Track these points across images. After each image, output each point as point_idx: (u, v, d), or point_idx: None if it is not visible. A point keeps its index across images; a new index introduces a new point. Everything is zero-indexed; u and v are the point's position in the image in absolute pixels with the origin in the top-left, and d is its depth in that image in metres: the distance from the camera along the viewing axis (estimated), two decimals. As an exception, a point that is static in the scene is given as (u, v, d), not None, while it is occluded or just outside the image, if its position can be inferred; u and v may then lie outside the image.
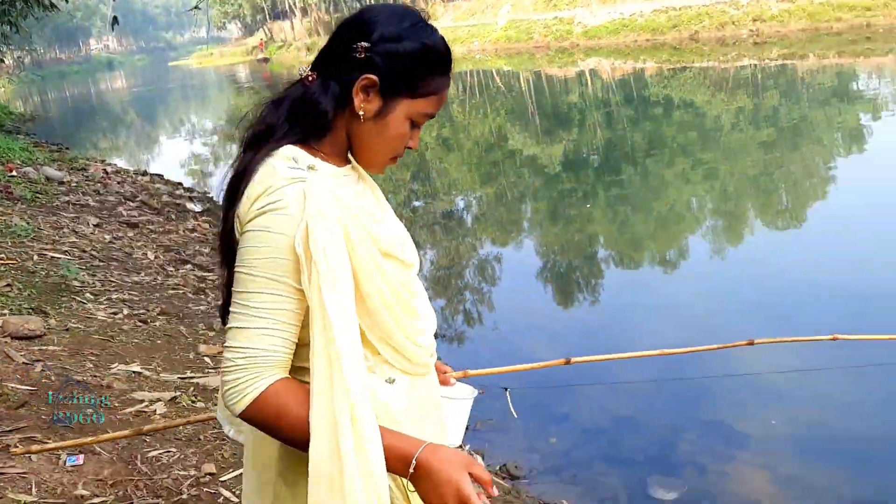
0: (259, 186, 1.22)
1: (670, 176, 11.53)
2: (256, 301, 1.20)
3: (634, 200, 10.20)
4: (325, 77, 1.30)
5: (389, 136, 1.32)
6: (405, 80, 1.28)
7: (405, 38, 1.27)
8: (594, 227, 9.52)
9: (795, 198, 9.96)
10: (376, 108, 1.29)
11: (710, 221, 9.46)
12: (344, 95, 1.29)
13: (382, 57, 1.26)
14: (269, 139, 1.28)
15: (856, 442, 4.11)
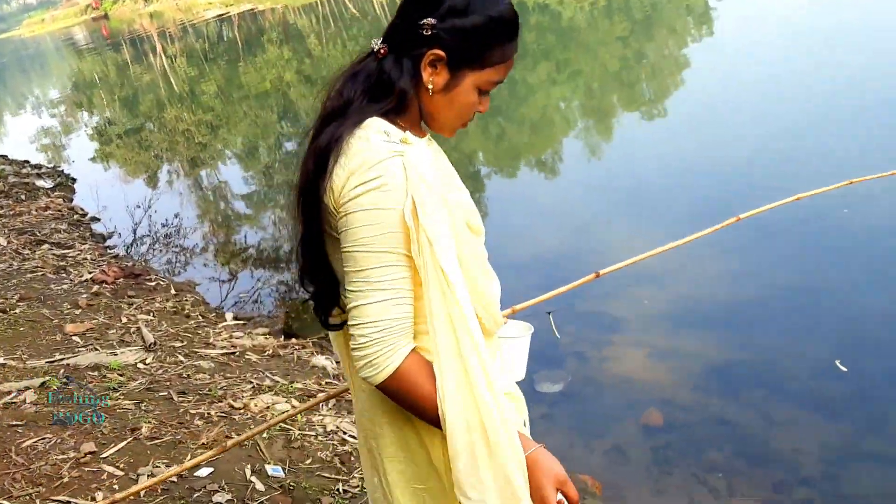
0: (356, 160, 1.25)
1: (536, 81, 11.57)
2: (378, 275, 1.24)
3: (505, 110, 10.18)
4: (396, 51, 1.32)
5: (458, 105, 1.35)
6: (471, 53, 1.30)
7: (472, 11, 1.28)
8: (470, 142, 9.46)
9: (658, 87, 10.20)
10: (444, 81, 1.32)
11: (582, 122, 9.57)
12: (415, 70, 1.31)
13: (448, 32, 1.28)
14: (346, 113, 1.31)
15: (725, 309, 4.32)
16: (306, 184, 1.31)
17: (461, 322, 1.24)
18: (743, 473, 3.13)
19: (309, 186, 1.31)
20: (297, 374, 3.99)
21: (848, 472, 3.07)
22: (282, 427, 3.40)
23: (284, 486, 2.98)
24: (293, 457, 3.21)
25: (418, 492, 1.43)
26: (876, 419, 3.28)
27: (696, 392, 3.57)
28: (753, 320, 4.13)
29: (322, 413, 3.59)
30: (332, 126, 1.30)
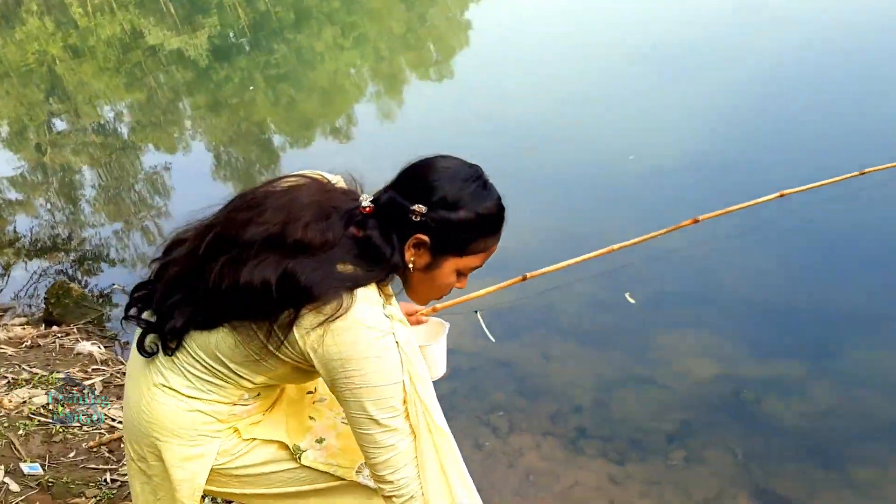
0: (351, 344, 1.30)
1: (322, 47, 11.35)
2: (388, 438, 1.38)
3: (294, 77, 9.91)
4: (382, 219, 1.37)
5: (437, 285, 1.44)
6: (455, 243, 1.38)
7: (461, 206, 1.35)
8: (260, 112, 9.13)
9: (443, 49, 10.34)
10: (425, 262, 1.40)
11: (372, 87, 9.51)
12: (401, 246, 1.37)
13: (436, 222, 1.34)
14: (329, 258, 1.33)
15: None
16: (250, 287, 1.30)
17: (457, 471, 1.46)
18: (522, 410, 3.24)
19: (255, 295, 1.30)
20: (60, 363, 3.65)
21: (616, 397, 3.27)
22: (40, 422, 3.10)
23: (42, 483, 2.72)
24: (54, 451, 2.93)
25: None
26: (641, 347, 3.50)
27: (476, 338, 3.64)
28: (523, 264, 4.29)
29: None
30: (311, 263, 1.30)
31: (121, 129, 9.82)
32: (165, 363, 1.45)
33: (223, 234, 1.38)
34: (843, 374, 3.14)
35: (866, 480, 2.70)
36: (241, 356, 1.40)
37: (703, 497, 2.74)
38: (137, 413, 1.48)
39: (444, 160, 1.41)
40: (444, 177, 1.37)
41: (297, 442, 1.55)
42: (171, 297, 1.41)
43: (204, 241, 1.39)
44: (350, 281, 1.32)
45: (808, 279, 3.74)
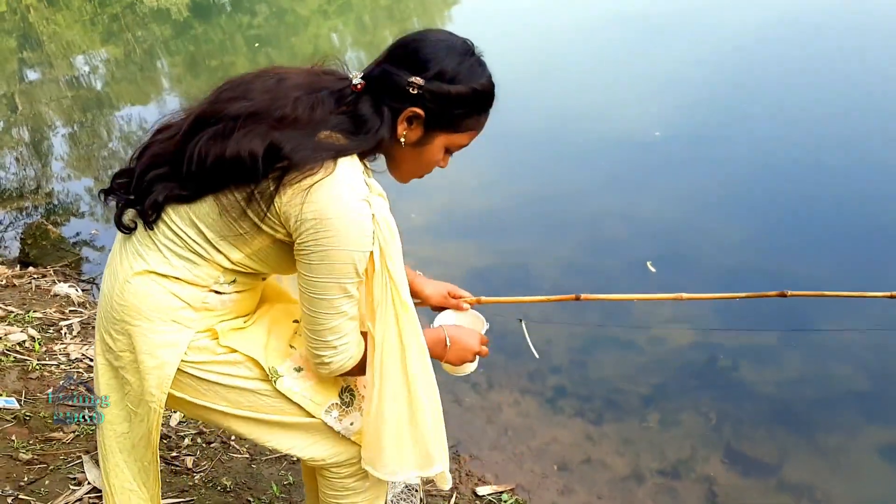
0: (327, 204, 1.29)
1: (306, 11, 11.23)
2: (339, 303, 1.39)
3: (275, 41, 9.79)
4: (373, 93, 1.36)
5: (424, 161, 1.44)
6: (449, 118, 1.38)
7: (457, 80, 1.35)
8: (237, 71, 9.00)
9: (429, 21, 10.29)
10: (417, 137, 1.39)
11: (353, 53, 9.44)
12: (393, 121, 1.36)
13: (432, 95, 1.34)
14: (314, 132, 1.32)
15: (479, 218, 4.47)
16: (238, 160, 1.30)
17: (416, 343, 1.45)
18: (502, 367, 3.27)
19: (236, 165, 1.30)
20: (36, 304, 3.61)
21: (594, 359, 3.32)
22: (16, 359, 3.06)
23: (19, 416, 2.69)
24: (31, 387, 2.91)
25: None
26: (620, 311, 3.56)
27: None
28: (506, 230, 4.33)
29: (65, 341, 3.28)
30: (297, 135, 1.30)
31: (96, 83, 9.64)
32: (143, 241, 1.43)
33: (207, 111, 1.37)
34: (815, 345, 3.22)
35: (833, 446, 2.79)
36: (221, 225, 1.38)
37: (676, 458, 2.81)
38: (110, 299, 1.44)
39: (438, 33, 1.40)
40: (441, 49, 1.36)
41: (274, 365, 1.50)
42: (150, 173, 1.39)
43: (187, 121, 1.38)
44: (334, 150, 1.32)
45: (782, 250, 3.82)
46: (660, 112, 5.54)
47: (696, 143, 5.03)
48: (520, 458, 2.86)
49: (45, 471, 2.43)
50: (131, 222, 1.43)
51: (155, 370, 1.43)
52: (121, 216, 1.44)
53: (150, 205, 1.38)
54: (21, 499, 2.28)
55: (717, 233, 4.04)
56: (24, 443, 2.54)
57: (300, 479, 2.57)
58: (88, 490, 2.35)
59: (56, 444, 2.58)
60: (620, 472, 2.77)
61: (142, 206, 1.40)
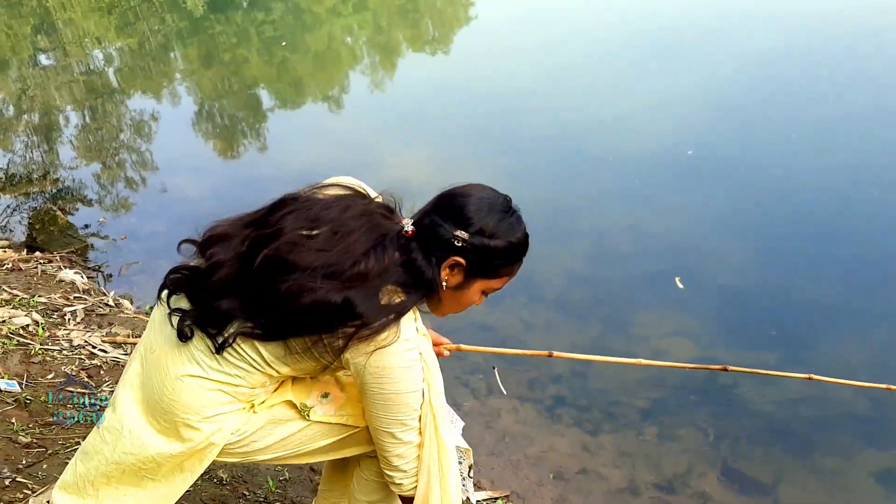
0: (396, 360, 1.46)
1: (321, 11, 11.25)
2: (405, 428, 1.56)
3: (290, 39, 9.82)
4: (423, 242, 1.49)
5: (462, 302, 1.59)
6: (487, 267, 1.52)
7: (497, 235, 1.49)
8: (252, 71, 9.03)
9: (442, 26, 10.31)
10: (457, 282, 1.54)
11: (367, 57, 9.46)
12: (438, 266, 1.50)
13: (474, 248, 1.48)
14: (376, 283, 1.45)
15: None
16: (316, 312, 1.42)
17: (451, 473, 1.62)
18: (501, 373, 3.27)
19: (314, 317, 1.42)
20: (41, 288, 3.62)
21: (594, 370, 3.32)
22: (19, 342, 3.07)
23: (20, 399, 2.70)
24: (32, 371, 2.91)
25: None
26: (621, 323, 3.57)
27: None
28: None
29: (69, 327, 3.29)
30: (367, 293, 1.43)
31: (109, 72, 9.66)
32: (199, 347, 1.52)
33: (281, 253, 1.45)
34: (815, 366, 3.21)
35: (830, 468, 2.80)
36: (281, 354, 1.51)
37: (672, 473, 2.81)
38: (160, 392, 1.53)
39: (482, 190, 1.54)
40: (483, 208, 1.50)
41: (303, 401, 1.64)
42: (221, 300, 1.48)
43: (257, 253, 1.46)
44: (399, 310, 1.46)
45: (787, 272, 3.82)
46: (678, 126, 5.55)
47: (727, 163, 5.01)
48: (516, 464, 2.87)
49: (43, 455, 2.43)
50: (189, 330, 1.51)
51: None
52: (182, 326, 1.52)
53: (225, 339, 1.49)
54: (18, 481, 2.29)
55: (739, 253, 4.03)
56: (23, 426, 2.55)
57: (296, 474, 2.58)
58: (86, 476, 2.35)
59: (55, 429, 2.58)
60: (616, 484, 2.77)
61: (213, 330, 1.50)
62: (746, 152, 5.03)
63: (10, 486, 2.26)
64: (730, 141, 5.25)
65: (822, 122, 5.32)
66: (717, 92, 6.10)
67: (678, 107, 5.95)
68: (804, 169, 4.73)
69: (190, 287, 1.55)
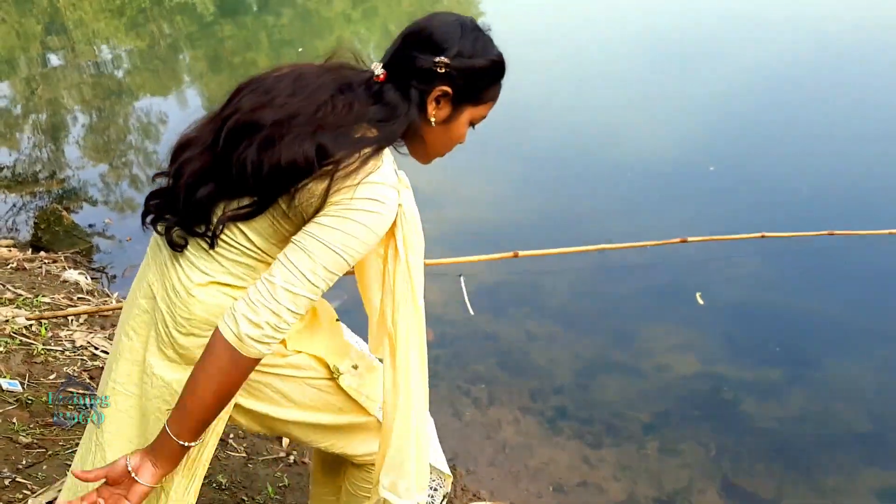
0: (373, 185, 1.33)
1: (331, 14, 11.30)
2: (323, 275, 1.33)
3: (300, 44, 9.85)
4: (397, 80, 1.40)
5: (452, 137, 1.50)
6: (473, 91, 1.44)
7: (477, 54, 1.42)
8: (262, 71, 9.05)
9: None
10: (446, 114, 1.45)
11: (376, 61, 9.45)
12: (422, 102, 1.42)
13: (459, 72, 1.40)
14: (348, 126, 1.36)
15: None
16: (296, 163, 1.32)
17: (421, 341, 1.51)
18: (504, 384, 3.27)
19: (295, 168, 1.32)
20: (45, 288, 3.62)
21: (597, 382, 3.32)
22: (22, 342, 3.08)
23: (21, 399, 2.70)
24: (34, 371, 2.91)
25: None
26: (625, 336, 3.56)
27: (464, 308, 3.67)
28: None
29: (71, 328, 3.29)
30: (340, 135, 1.34)
31: (117, 72, 9.70)
32: (197, 254, 1.43)
33: (242, 120, 1.37)
34: (819, 384, 3.22)
35: (831, 487, 2.78)
36: (267, 231, 1.40)
37: (673, 487, 2.80)
38: (172, 315, 1.44)
39: (448, 16, 1.46)
40: (456, 31, 1.42)
41: (336, 363, 1.57)
42: (198, 192, 1.39)
43: (222, 132, 1.38)
44: (377, 141, 1.36)
45: (792, 290, 3.81)
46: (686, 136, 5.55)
47: (746, 176, 5.01)
48: (516, 476, 2.85)
49: (43, 455, 2.43)
50: (181, 239, 1.43)
51: None
52: (171, 236, 1.43)
53: (214, 230, 1.39)
54: (18, 481, 2.29)
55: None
56: (24, 426, 2.55)
57: (295, 481, 2.58)
58: (85, 478, 2.35)
59: (56, 430, 2.58)
60: (616, 497, 2.76)
61: (200, 226, 1.40)
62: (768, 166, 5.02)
63: (9, 486, 2.26)
64: (743, 153, 5.26)
65: (838, 132, 5.32)
66: (731, 101, 6.10)
67: (692, 116, 5.95)
68: (818, 182, 4.74)
69: (171, 203, 1.45)
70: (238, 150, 1.35)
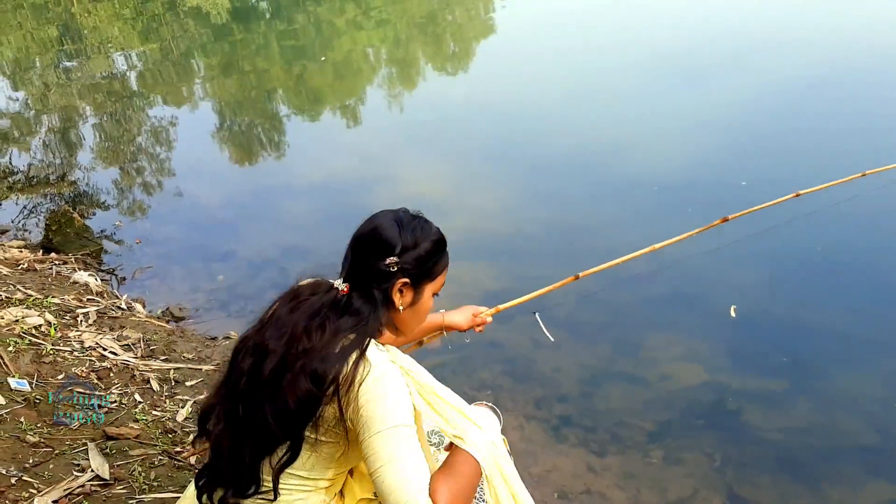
0: (372, 380, 1.48)
1: (343, 24, 11.35)
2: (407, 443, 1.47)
3: (311, 51, 9.90)
4: (360, 288, 1.59)
5: (422, 312, 1.68)
6: (426, 272, 1.63)
7: (419, 242, 1.61)
8: (272, 80, 9.11)
9: (462, 41, 10.37)
10: (410, 299, 1.64)
11: (386, 70, 9.51)
12: (386, 298, 1.60)
13: (409, 263, 1.59)
14: (331, 346, 1.51)
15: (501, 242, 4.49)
16: (303, 401, 1.48)
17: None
18: (509, 391, 3.28)
19: (305, 404, 1.48)
20: (55, 289, 3.66)
21: (602, 391, 3.31)
22: (31, 341, 3.10)
23: (29, 399, 2.73)
24: (43, 371, 2.94)
25: None
26: (630, 346, 3.56)
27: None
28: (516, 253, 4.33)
29: (80, 328, 3.32)
30: (322, 359, 1.48)
31: (130, 78, 9.78)
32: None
33: (248, 381, 1.55)
34: (824, 395, 3.20)
35: (836, 499, 2.76)
36: (312, 463, 1.56)
37: (677, 496, 2.79)
38: None
39: (383, 216, 1.64)
40: (394, 229, 1.61)
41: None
42: (243, 461, 1.55)
43: (238, 399, 1.55)
44: (357, 346, 1.51)
45: (799, 301, 3.80)
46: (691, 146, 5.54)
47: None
48: (520, 483, 2.85)
49: (50, 455, 2.45)
50: (234, 501, 1.58)
51: None
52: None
53: (270, 483, 1.54)
54: (25, 480, 2.30)
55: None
56: (31, 425, 2.57)
57: None
58: (91, 477, 2.37)
59: (63, 430, 2.60)
60: (620, 506, 2.75)
61: (251, 487, 1.56)
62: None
63: (15, 484, 2.28)
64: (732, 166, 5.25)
65: (843, 145, 5.30)
66: (734, 114, 6.10)
67: (697, 128, 5.95)
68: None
69: (219, 477, 1.61)
70: (258, 412, 1.52)
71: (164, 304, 4.01)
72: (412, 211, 1.68)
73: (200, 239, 4.82)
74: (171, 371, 3.14)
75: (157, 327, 3.53)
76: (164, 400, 2.94)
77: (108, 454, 2.50)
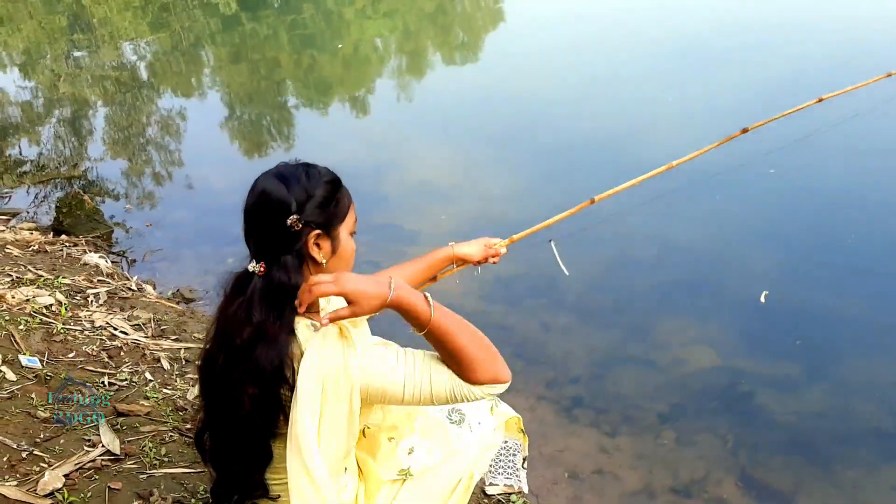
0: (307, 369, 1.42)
1: (351, 14, 11.33)
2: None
3: (320, 41, 9.88)
4: (276, 260, 1.47)
5: (347, 257, 1.57)
6: (332, 216, 1.52)
7: (313, 189, 1.49)
8: (281, 71, 9.10)
9: (471, 33, 10.34)
10: (329, 247, 1.52)
11: (395, 60, 9.49)
12: (301, 258, 1.48)
13: (312, 214, 1.48)
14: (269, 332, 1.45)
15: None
16: (259, 404, 1.46)
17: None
18: (519, 372, 3.26)
19: (263, 407, 1.46)
20: (66, 270, 3.66)
21: (614, 373, 3.30)
22: (42, 320, 3.10)
23: (41, 376, 2.73)
24: (54, 349, 2.94)
25: None
26: (642, 328, 3.54)
27: (481, 300, 3.67)
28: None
29: (91, 308, 3.32)
30: (265, 348, 1.44)
31: (140, 68, 9.78)
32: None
33: (212, 409, 1.59)
34: (838, 378, 3.18)
35: (850, 480, 2.74)
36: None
37: (689, 477, 2.77)
38: None
39: (265, 179, 1.51)
40: (281, 187, 1.48)
41: (401, 467, 1.76)
42: (248, 478, 1.57)
43: (215, 419, 1.59)
44: (285, 330, 1.45)
45: (813, 285, 3.77)
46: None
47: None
48: (531, 462, 2.83)
49: (60, 430, 2.45)
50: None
51: None
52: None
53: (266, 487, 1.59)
54: (35, 454, 2.31)
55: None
56: (43, 401, 2.57)
57: None
58: (102, 452, 2.37)
59: (73, 405, 2.60)
60: (631, 486, 2.74)
61: (258, 490, 1.59)
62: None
63: (27, 458, 2.28)
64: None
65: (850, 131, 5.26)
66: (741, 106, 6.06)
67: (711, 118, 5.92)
68: (837, 181, 4.69)
69: (229, 491, 1.62)
70: (231, 425, 1.52)
71: (175, 286, 4.02)
72: (291, 161, 1.57)
73: (210, 222, 4.82)
74: (181, 350, 3.14)
75: (168, 308, 3.53)
76: (174, 378, 2.94)
77: (118, 430, 2.50)
